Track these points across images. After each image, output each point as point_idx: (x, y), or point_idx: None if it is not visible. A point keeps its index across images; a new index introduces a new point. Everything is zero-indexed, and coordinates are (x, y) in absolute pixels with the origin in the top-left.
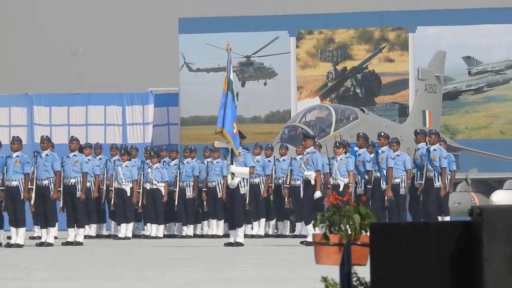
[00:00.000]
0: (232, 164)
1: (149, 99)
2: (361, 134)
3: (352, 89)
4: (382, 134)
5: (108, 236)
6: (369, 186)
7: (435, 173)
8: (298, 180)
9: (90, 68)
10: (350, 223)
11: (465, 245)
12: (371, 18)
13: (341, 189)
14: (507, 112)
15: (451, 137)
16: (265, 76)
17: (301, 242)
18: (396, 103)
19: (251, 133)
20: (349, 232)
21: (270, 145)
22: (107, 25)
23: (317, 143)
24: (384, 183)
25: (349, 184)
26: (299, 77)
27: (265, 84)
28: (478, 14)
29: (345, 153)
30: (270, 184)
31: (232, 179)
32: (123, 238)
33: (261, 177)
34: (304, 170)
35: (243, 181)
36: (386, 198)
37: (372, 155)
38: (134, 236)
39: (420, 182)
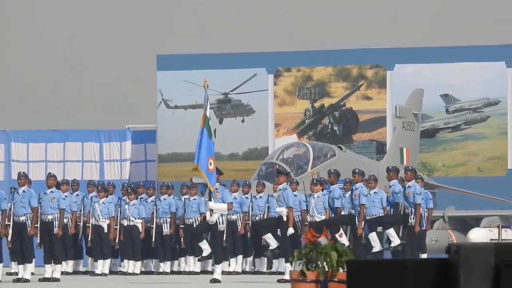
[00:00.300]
0: (210, 200)
1: (126, 136)
2: (332, 170)
3: (329, 127)
4: (357, 170)
5: (85, 273)
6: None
7: (412, 209)
8: (275, 217)
9: (68, 104)
10: (327, 260)
11: (442, 282)
12: (349, 56)
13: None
14: (484, 150)
15: (429, 175)
16: (243, 113)
17: (278, 280)
18: (373, 141)
19: (229, 170)
20: (326, 269)
21: (247, 182)
22: (85, 62)
23: (294, 180)
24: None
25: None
26: (277, 114)
27: (242, 121)
28: (455, 52)
29: (322, 190)
30: (247, 221)
31: (211, 215)
32: (100, 275)
33: (238, 214)
34: (276, 207)
35: (221, 218)
36: (358, 235)
37: (347, 192)
38: (111, 272)
39: None
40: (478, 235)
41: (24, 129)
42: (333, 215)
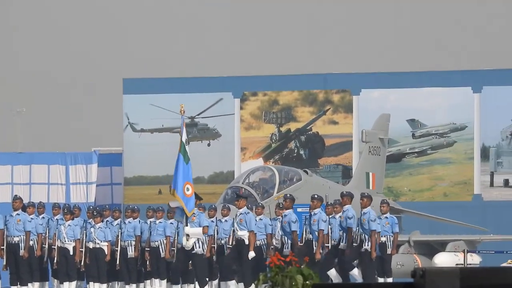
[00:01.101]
0: (186, 225)
1: (92, 159)
2: (288, 195)
3: (295, 151)
4: (316, 196)
5: None
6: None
7: (365, 236)
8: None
9: (34, 127)
10: (293, 283)
11: None
12: (316, 80)
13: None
14: (450, 175)
15: (395, 199)
16: (209, 137)
17: None
18: (339, 165)
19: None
20: None
21: (213, 206)
22: (51, 84)
23: (260, 204)
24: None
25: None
26: (243, 138)
27: (208, 145)
28: (421, 77)
29: None
30: (212, 245)
31: (187, 240)
32: None
33: (204, 237)
34: (238, 231)
35: (198, 242)
36: (316, 260)
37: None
38: None
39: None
40: (443, 259)
41: None
42: (285, 238)
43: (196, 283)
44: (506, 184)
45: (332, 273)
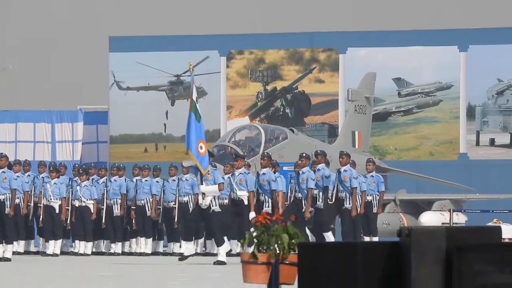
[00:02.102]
0: (201, 184)
1: (78, 117)
2: (265, 153)
3: (281, 109)
4: (304, 155)
5: (37, 253)
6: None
7: (347, 194)
8: (225, 199)
9: (20, 85)
10: (279, 242)
11: (393, 265)
12: (302, 39)
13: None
14: (436, 134)
15: (380, 158)
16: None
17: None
18: (325, 124)
19: (181, 152)
20: (278, 251)
21: None
22: (37, 42)
23: (246, 163)
24: (305, 203)
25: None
26: (229, 97)
27: None
28: (408, 36)
29: (274, 172)
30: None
31: (203, 198)
32: (51, 255)
33: (189, 196)
34: (237, 191)
35: (214, 200)
36: (306, 219)
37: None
38: (62, 253)
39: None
40: (429, 218)
41: None
42: (265, 196)
43: (182, 241)
44: (492, 143)
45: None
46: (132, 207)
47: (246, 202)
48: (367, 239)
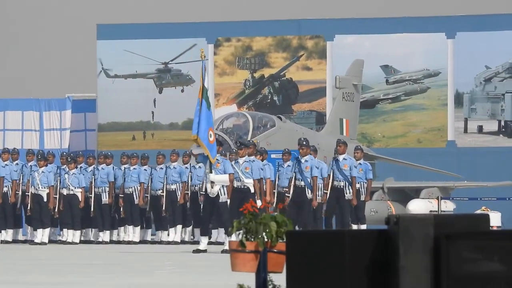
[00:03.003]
0: (210, 172)
1: (66, 105)
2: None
3: (269, 97)
4: (304, 143)
5: (25, 241)
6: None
7: (346, 183)
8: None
9: (7, 73)
10: (267, 230)
11: (381, 253)
12: (289, 26)
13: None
14: (424, 121)
15: (368, 146)
16: (183, 83)
17: (222, 251)
18: (313, 111)
19: (169, 139)
20: (266, 240)
21: (187, 152)
22: (25, 30)
23: (234, 150)
24: (310, 191)
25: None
26: (217, 84)
27: (182, 91)
28: (395, 23)
29: (262, 160)
30: (186, 191)
31: (212, 187)
32: (40, 243)
33: (177, 184)
34: (243, 179)
35: (223, 189)
36: (314, 207)
37: (285, 162)
38: (51, 241)
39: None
40: (417, 206)
41: None
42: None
43: (170, 229)
44: (480, 131)
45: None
46: (120, 195)
47: (252, 190)
48: (355, 227)
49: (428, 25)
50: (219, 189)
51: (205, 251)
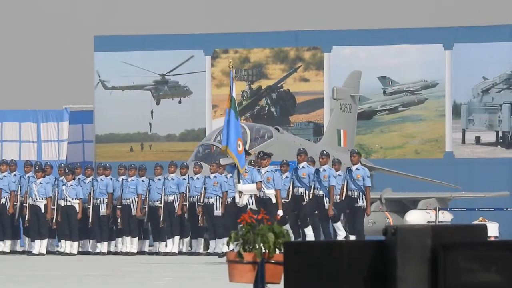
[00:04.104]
0: (239, 182)
1: (63, 116)
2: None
3: (267, 108)
4: (324, 152)
5: (23, 252)
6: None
7: (359, 192)
8: (211, 198)
9: (5, 84)
10: (264, 241)
11: (379, 264)
12: (287, 38)
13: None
14: (422, 132)
15: (366, 157)
16: (180, 94)
17: None
18: (311, 122)
19: (166, 151)
20: (263, 251)
21: (185, 163)
22: (22, 42)
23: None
24: (327, 200)
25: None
26: (214, 96)
27: (180, 102)
28: (393, 34)
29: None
30: (184, 202)
31: (240, 197)
32: (37, 254)
33: (175, 195)
34: (265, 189)
35: (251, 199)
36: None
37: (284, 173)
38: (48, 252)
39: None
40: (415, 217)
41: None
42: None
43: (167, 240)
44: (478, 142)
45: (338, 226)
46: (117, 207)
47: (274, 201)
48: (352, 237)
49: (426, 36)
50: (248, 199)
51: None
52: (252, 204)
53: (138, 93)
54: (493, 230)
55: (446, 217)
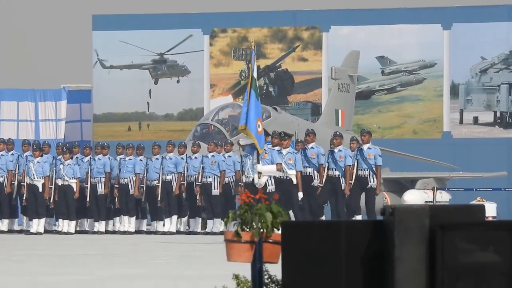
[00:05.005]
0: (258, 163)
1: (62, 95)
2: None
3: (265, 88)
4: (338, 133)
5: (20, 231)
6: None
7: (370, 172)
8: (209, 177)
9: (3, 63)
10: (262, 221)
11: (377, 244)
12: (285, 17)
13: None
14: (420, 112)
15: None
16: (178, 73)
17: None
18: (309, 102)
19: (164, 130)
20: (261, 230)
21: (183, 143)
22: (20, 21)
23: (229, 141)
24: (343, 180)
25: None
26: (212, 75)
27: (178, 81)
28: (391, 14)
29: None
30: (182, 182)
31: (259, 178)
32: (35, 233)
33: (173, 174)
34: (286, 170)
35: (270, 180)
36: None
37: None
38: (46, 231)
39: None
40: (413, 197)
41: None
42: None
43: (165, 219)
44: (476, 122)
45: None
46: (115, 186)
47: (294, 181)
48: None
49: (424, 16)
50: (267, 180)
51: None
52: (272, 185)
53: (136, 72)
54: (491, 210)
55: (444, 197)
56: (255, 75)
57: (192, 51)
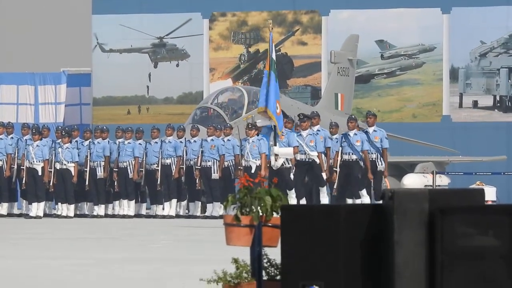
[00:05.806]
0: (275, 145)
1: (61, 79)
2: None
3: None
4: (353, 116)
5: (20, 215)
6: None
7: (378, 154)
8: (209, 161)
9: (2, 47)
10: (262, 204)
11: (376, 228)
12: (284, 1)
13: (253, 171)
14: (419, 96)
15: (363, 121)
16: (178, 57)
17: None
18: (308, 86)
19: (163, 114)
20: (260, 214)
21: (182, 126)
22: (19, 5)
23: (228, 125)
24: (363, 163)
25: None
26: (212, 59)
27: (177, 65)
28: None
29: (257, 135)
30: (181, 165)
31: (276, 160)
32: (35, 217)
33: (172, 158)
34: (308, 152)
35: (287, 162)
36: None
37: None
38: (46, 215)
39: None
40: (412, 181)
41: None
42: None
43: (165, 203)
44: (475, 106)
45: (364, 193)
46: (114, 169)
47: (318, 161)
48: (349, 201)
49: (423, 0)
50: (283, 162)
51: None
52: (289, 165)
53: (135, 56)
54: (490, 195)
55: (443, 181)
56: (273, 56)
57: (192, 35)
